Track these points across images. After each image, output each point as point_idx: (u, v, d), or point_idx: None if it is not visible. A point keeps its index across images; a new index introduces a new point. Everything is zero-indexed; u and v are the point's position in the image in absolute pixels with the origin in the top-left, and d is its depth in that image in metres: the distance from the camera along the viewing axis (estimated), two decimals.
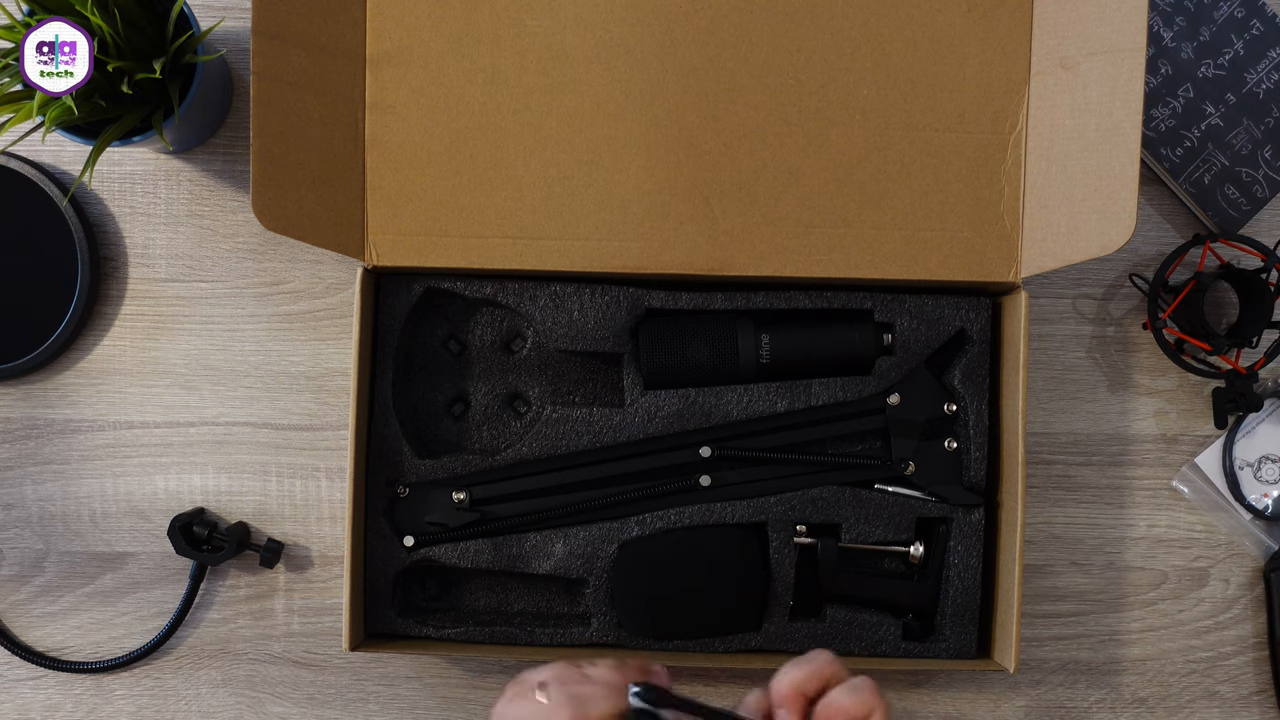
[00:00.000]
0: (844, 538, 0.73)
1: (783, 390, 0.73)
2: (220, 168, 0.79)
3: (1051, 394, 0.80)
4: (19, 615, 0.79)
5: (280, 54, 0.66)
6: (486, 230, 0.70)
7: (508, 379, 0.76)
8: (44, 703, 0.79)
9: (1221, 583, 0.80)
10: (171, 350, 0.79)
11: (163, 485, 0.79)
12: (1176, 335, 0.78)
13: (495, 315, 0.76)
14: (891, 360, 0.73)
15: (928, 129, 0.70)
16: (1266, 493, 0.80)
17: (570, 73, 0.69)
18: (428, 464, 0.73)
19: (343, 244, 0.69)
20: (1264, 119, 0.78)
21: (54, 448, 0.79)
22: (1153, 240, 0.80)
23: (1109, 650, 0.80)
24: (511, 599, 0.76)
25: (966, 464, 0.73)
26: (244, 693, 0.79)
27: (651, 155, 0.70)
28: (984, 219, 0.70)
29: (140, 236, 0.79)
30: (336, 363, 0.79)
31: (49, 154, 0.78)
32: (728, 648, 0.73)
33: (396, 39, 0.69)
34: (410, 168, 0.69)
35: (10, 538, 0.79)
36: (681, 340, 0.73)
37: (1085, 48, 0.67)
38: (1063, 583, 0.80)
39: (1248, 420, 0.80)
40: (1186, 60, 0.78)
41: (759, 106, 0.69)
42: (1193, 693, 0.80)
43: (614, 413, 0.73)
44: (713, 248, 0.70)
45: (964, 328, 0.73)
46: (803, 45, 0.69)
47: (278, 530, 0.79)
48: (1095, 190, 0.67)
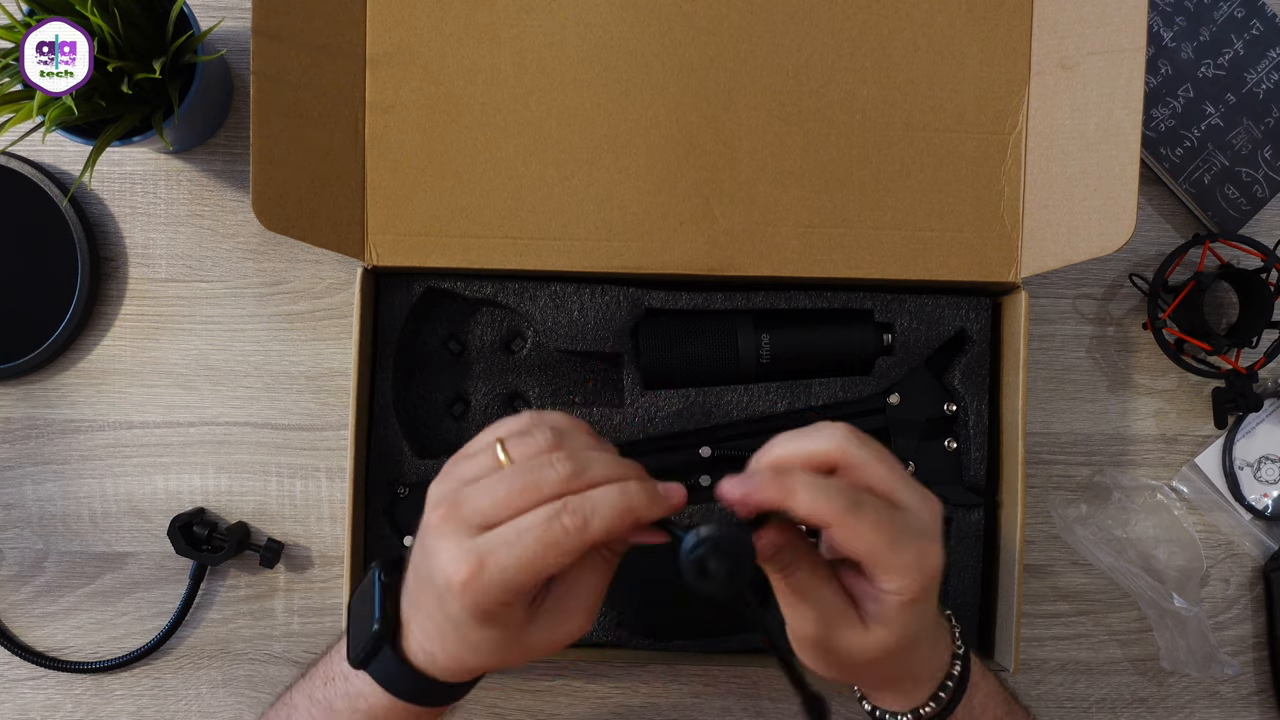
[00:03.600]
0: None
1: (783, 390, 0.73)
2: (220, 168, 0.79)
3: (1051, 394, 0.80)
4: (19, 615, 0.79)
5: (280, 54, 0.66)
6: (486, 230, 0.70)
7: (508, 379, 0.76)
8: (44, 702, 0.79)
9: (1221, 583, 0.80)
10: (172, 350, 0.79)
11: (163, 485, 0.79)
12: (1176, 335, 0.78)
13: (495, 315, 0.76)
14: (891, 360, 0.73)
15: (927, 129, 0.70)
16: (1266, 493, 0.80)
17: (570, 73, 0.69)
18: (428, 464, 0.73)
19: (343, 244, 0.69)
20: (1264, 119, 0.78)
21: (54, 448, 0.79)
22: (1153, 240, 0.80)
23: (1109, 650, 0.80)
24: None
25: (966, 464, 0.73)
26: (244, 693, 0.79)
27: (651, 155, 0.70)
28: (984, 219, 0.70)
29: (140, 236, 0.79)
30: (336, 363, 0.79)
31: (49, 154, 0.78)
32: (728, 648, 0.73)
33: (396, 39, 0.69)
34: (410, 168, 0.69)
35: (10, 538, 0.79)
36: (681, 340, 0.73)
37: (1085, 48, 0.68)
38: (1063, 583, 0.80)
39: (1247, 420, 0.80)
40: (1186, 60, 0.78)
41: (759, 106, 0.69)
42: (1193, 693, 0.80)
43: (614, 413, 0.73)
44: (713, 248, 0.70)
45: (964, 328, 0.73)
46: (803, 45, 0.69)
47: (278, 530, 0.79)
48: (1095, 190, 0.67)
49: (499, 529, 0.46)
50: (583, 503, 0.46)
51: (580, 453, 0.49)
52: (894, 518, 0.47)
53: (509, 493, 0.47)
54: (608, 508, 0.46)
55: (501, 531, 0.46)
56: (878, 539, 0.46)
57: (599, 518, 0.46)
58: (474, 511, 0.47)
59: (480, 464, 0.49)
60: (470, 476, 0.49)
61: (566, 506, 0.46)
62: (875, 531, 0.45)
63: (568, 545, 0.46)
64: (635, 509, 0.47)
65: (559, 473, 0.47)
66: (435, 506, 0.49)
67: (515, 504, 0.47)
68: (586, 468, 0.48)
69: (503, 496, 0.47)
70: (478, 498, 0.48)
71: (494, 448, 0.50)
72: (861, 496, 0.46)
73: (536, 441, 0.49)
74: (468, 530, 0.47)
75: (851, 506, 0.45)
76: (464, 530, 0.47)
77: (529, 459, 0.48)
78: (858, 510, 0.45)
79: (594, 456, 0.49)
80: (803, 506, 0.45)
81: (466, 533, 0.47)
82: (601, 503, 0.46)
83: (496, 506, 0.47)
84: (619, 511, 0.46)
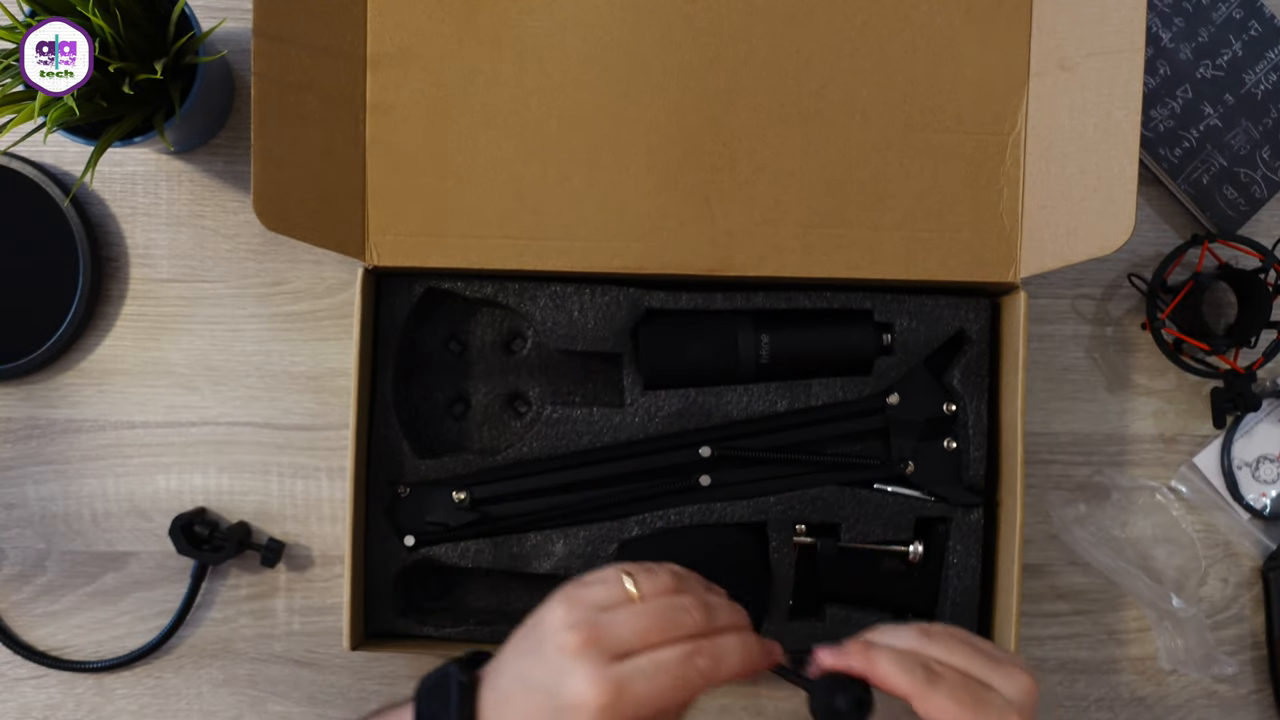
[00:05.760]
0: (844, 537, 0.73)
1: (782, 390, 0.73)
2: (221, 168, 0.79)
3: (1051, 394, 0.80)
4: (21, 614, 0.79)
5: (281, 54, 0.66)
6: (486, 230, 0.70)
7: (508, 379, 0.76)
8: (45, 702, 0.79)
9: (1220, 582, 0.80)
10: (173, 350, 0.79)
11: (164, 485, 0.79)
12: (1175, 335, 0.78)
13: (495, 315, 0.76)
14: (891, 360, 0.73)
15: (927, 130, 0.70)
16: (1264, 492, 0.80)
17: (570, 73, 0.69)
18: (428, 464, 0.73)
19: (343, 244, 0.69)
20: (1262, 120, 0.78)
21: (55, 448, 0.79)
22: (1151, 240, 0.80)
23: (1108, 650, 0.80)
24: (511, 599, 0.76)
25: (966, 464, 0.74)
26: (245, 692, 0.79)
27: (651, 155, 0.70)
28: (983, 219, 0.70)
29: (142, 237, 0.79)
30: (337, 363, 0.79)
31: (50, 154, 0.78)
32: None
33: (397, 39, 0.69)
34: (410, 168, 0.69)
35: (12, 537, 0.79)
36: (681, 340, 0.73)
37: (1084, 48, 0.68)
38: (1062, 582, 0.80)
39: (1246, 420, 0.80)
40: (1185, 61, 0.78)
41: (759, 107, 0.69)
42: (1192, 692, 0.80)
43: (614, 413, 0.73)
44: (713, 248, 0.70)
45: (963, 328, 0.74)
46: (803, 45, 0.69)
47: (279, 530, 0.79)
48: (1094, 190, 0.67)
49: (637, 660, 0.49)
50: (715, 647, 0.51)
51: (706, 597, 0.53)
52: (973, 691, 0.51)
53: (648, 627, 0.50)
54: (736, 654, 0.51)
55: (639, 663, 0.49)
56: (957, 711, 0.50)
57: (728, 663, 0.51)
58: (615, 640, 0.50)
59: (611, 593, 0.52)
60: (602, 603, 0.52)
61: (701, 649, 0.50)
62: (953, 703, 0.50)
63: (697, 684, 0.50)
64: (755, 661, 0.52)
65: (695, 618, 0.51)
66: (570, 628, 0.50)
67: (653, 639, 0.50)
68: (716, 614, 0.52)
69: (642, 630, 0.50)
70: (619, 627, 0.50)
71: (621, 579, 0.53)
72: (939, 671, 0.51)
73: (663, 580, 0.53)
74: (606, 657, 0.49)
75: (928, 679, 0.50)
76: (603, 657, 0.49)
77: (659, 596, 0.52)
78: (934, 683, 0.50)
79: (719, 603, 0.53)
80: (883, 676, 0.51)
81: (605, 659, 0.49)
82: (731, 649, 0.51)
83: (636, 638, 0.50)
84: (743, 660, 0.51)
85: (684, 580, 0.54)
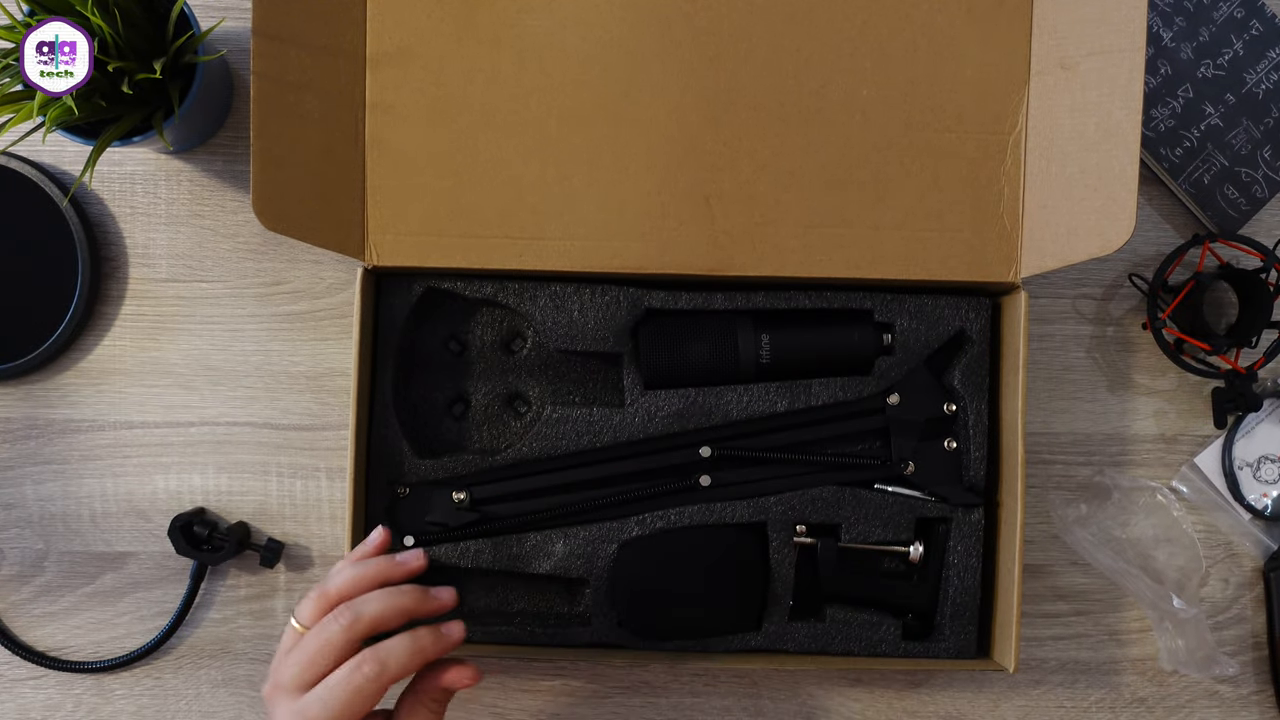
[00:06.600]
0: (844, 538, 0.73)
1: (783, 390, 0.73)
2: (221, 168, 0.79)
3: (1051, 394, 0.80)
4: (19, 615, 0.79)
5: (280, 54, 0.66)
6: (486, 230, 0.70)
7: (508, 379, 0.76)
8: (44, 702, 0.79)
9: (1221, 583, 0.80)
10: (172, 350, 0.79)
11: (163, 485, 0.79)
12: (1176, 335, 0.78)
13: (495, 315, 0.76)
14: (891, 360, 0.73)
15: (927, 129, 0.70)
16: (1266, 492, 0.80)
17: (570, 73, 0.69)
18: (428, 464, 0.73)
19: (343, 244, 0.69)
20: (1263, 119, 0.78)
21: (54, 448, 0.79)
22: (1152, 240, 0.80)
23: (1109, 650, 0.80)
24: (511, 599, 0.76)
25: (966, 464, 0.74)
26: (244, 692, 0.79)
27: (651, 155, 0.70)
28: (983, 219, 0.70)
29: (141, 236, 0.79)
30: (337, 363, 0.79)
31: (49, 154, 0.78)
32: (728, 648, 0.73)
33: (396, 39, 0.69)
34: (410, 168, 0.69)
35: (11, 537, 0.79)
36: (681, 340, 0.73)
37: (1084, 48, 0.68)
38: (1063, 583, 0.80)
39: (1247, 420, 0.80)
40: (1186, 60, 0.78)
41: (759, 107, 0.69)
42: (1192, 693, 0.80)
43: (614, 413, 0.73)
44: (713, 248, 0.70)
45: (964, 328, 0.73)
46: (803, 45, 0.69)
47: (278, 530, 0.79)
48: (1095, 190, 0.67)
49: (315, 689, 0.57)
50: (378, 652, 0.57)
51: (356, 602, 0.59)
52: None
53: (309, 655, 0.57)
54: (402, 652, 0.58)
55: (316, 690, 0.57)
56: None
57: (394, 662, 0.57)
58: (291, 678, 0.57)
59: (287, 639, 0.59)
60: (286, 648, 0.59)
61: (365, 658, 0.57)
62: None
63: (372, 689, 0.57)
64: (424, 649, 0.59)
65: (341, 623, 0.58)
66: (266, 681, 0.59)
67: (320, 662, 0.57)
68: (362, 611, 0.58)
69: (306, 660, 0.57)
70: (290, 665, 0.58)
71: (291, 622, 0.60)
72: None
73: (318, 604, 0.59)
74: (293, 695, 0.57)
75: None
76: (289, 695, 0.57)
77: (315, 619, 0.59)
78: None
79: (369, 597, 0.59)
80: None
81: (291, 697, 0.57)
82: (396, 650, 0.58)
83: (305, 669, 0.57)
84: (412, 653, 0.58)
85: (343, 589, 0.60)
